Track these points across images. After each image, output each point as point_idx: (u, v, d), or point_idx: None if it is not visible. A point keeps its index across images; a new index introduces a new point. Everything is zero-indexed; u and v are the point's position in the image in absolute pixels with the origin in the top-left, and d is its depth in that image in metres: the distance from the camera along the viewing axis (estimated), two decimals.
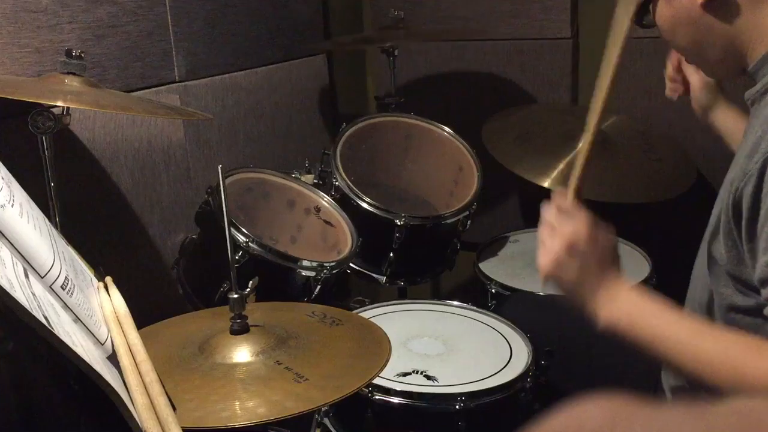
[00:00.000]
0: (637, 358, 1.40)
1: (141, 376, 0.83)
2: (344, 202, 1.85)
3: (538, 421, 0.67)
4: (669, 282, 1.64)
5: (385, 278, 1.92)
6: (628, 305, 1.04)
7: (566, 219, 1.07)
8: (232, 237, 1.22)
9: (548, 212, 1.10)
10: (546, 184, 2.01)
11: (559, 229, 1.07)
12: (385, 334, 1.29)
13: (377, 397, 1.39)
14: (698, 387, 1.07)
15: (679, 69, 1.55)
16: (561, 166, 2.05)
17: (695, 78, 1.52)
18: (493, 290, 1.87)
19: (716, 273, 1.09)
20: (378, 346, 1.24)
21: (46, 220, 0.92)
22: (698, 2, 1.05)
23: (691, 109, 1.57)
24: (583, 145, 1.15)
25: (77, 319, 0.80)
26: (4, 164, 0.91)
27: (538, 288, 1.82)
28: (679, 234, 1.72)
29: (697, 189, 2.02)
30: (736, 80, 1.15)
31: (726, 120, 1.50)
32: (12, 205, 0.79)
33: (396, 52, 2.21)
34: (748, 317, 1.05)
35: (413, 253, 1.91)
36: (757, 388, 0.91)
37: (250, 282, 1.29)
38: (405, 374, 1.47)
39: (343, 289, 2.32)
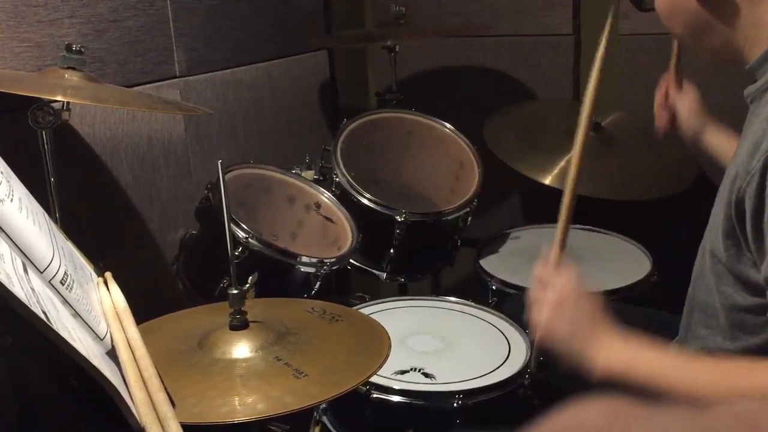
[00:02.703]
0: None
1: (140, 372, 0.83)
2: (344, 198, 1.85)
3: (537, 421, 0.66)
4: (670, 279, 1.64)
5: (385, 274, 1.92)
6: (620, 353, 1.05)
7: (554, 278, 1.11)
8: (231, 233, 1.21)
9: (538, 270, 1.14)
10: (547, 182, 2.01)
11: (549, 288, 1.10)
12: (385, 331, 1.29)
13: (375, 396, 1.39)
14: None
15: (666, 99, 1.62)
16: (562, 163, 2.05)
17: (683, 106, 1.58)
18: (493, 287, 1.87)
19: (717, 272, 1.08)
20: (378, 343, 1.24)
21: (46, 215, 0.92)
22: None
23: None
24: (565, 204, 1.15)
25: (76, 314, 0.80)
26: (4, 159, 0.90)
27: None
28: (680, 230, 1.72)
29: (699, 185, 2.01)
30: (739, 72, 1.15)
31: (719, 142, 1.53)
32: (11, 200, 0.79)
33: (397, 48, 2.20)
34: (751, 315, 1.05)
35: (414, 249, 1.90)
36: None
37: (250, 278, 1.29)
38: (403, 372, 1.47)
39: (344, 285, 2.32)
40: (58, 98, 1.36)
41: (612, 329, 1.07)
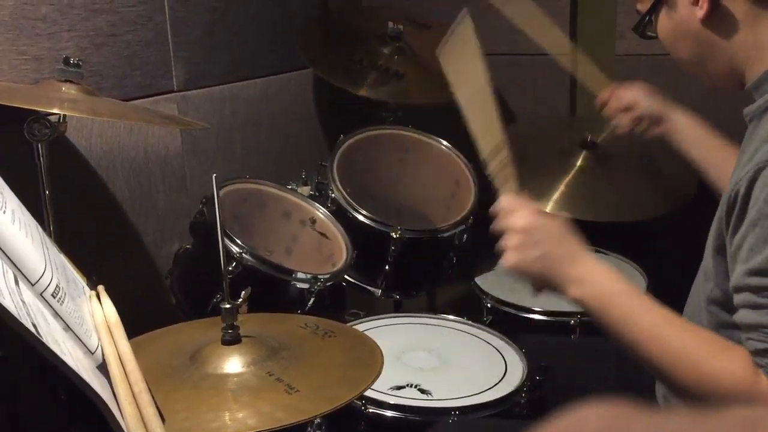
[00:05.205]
0: (633, 374, 1.40)
1: (130, 386, 0.82)
2: (340, 214, 1.85)
3: (535, 427, 0.66)
4: (665, 298, 1.64)
5: (380, 291, 1.92)
6: (597, 288, 1.04)
7: (514, 215, 1.12)
8: (225, 247, 1.21)
9: (502, 202, 1.16)
10: (546, 209, 2.01)
11: (512, 226, 1.11)
12: (378, 346, 1.28)
13: (371, 410, 1.39)
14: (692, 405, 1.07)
15: (610, 103, 1.65)
16: (561, 187, 2.05)
17: (632, 95, 1.60)
18: (488, 305, 1.87)
19: (707, 290, 1.08)
20: (370, 358, 1.23)
21: (39, 227, 0.91)
22: (698, 17, 1.06)
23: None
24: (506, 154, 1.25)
25: (67, 327, 0.80)
26: None
27: (534, 303, 1.82)
28: (675, 250, 1.72)
29: (697, 203, 2.01)
30: (736, 94, 1.15)
31: (684, 130, 1.53)
32: (4, 212, 0.79)
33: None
34: (739, 332, 1.04)
35: (409, 266, 1.90)
36: (712, 386, 0.94)
37: (243, 292, 1.28)
38: (399, 387, 1.46)
39: (338, 302, 2.32)
40: (55, 111, 1.36)
41: (587, 257, 1.06)
